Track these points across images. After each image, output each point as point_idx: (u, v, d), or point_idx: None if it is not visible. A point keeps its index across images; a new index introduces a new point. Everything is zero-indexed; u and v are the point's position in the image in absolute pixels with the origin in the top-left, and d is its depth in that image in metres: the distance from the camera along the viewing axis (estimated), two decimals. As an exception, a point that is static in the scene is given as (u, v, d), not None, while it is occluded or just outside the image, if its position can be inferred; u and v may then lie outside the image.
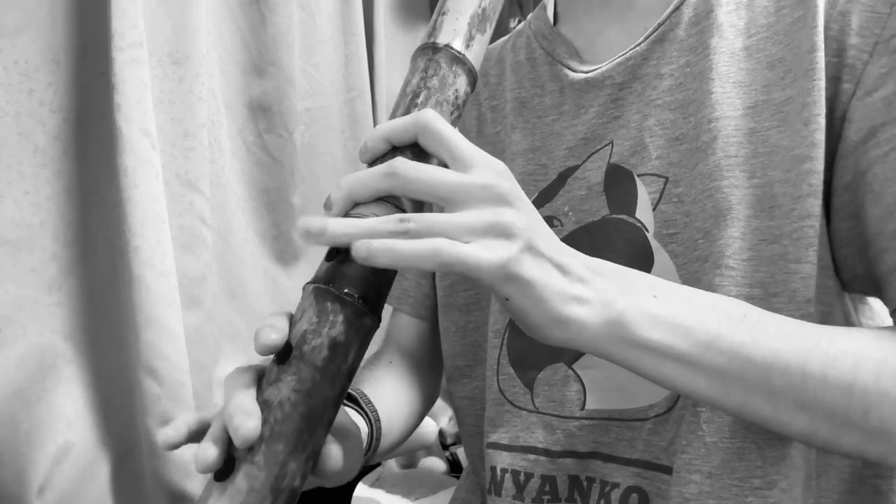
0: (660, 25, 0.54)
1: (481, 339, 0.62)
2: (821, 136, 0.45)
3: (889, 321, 0.51)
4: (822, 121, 0.45)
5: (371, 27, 1.19)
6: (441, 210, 0.37)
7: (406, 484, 1.02)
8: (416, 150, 0.39)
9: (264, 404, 0.35)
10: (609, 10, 0.58)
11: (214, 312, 0.92)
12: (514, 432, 0.56)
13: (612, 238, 0.53)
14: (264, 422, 0.35)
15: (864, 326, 0.52)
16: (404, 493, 0.99)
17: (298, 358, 0.36)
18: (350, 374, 0.38)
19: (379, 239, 0.34)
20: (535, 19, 0.65)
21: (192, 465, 0.76)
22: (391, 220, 0.35)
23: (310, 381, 0.36)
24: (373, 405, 0.52)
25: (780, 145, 0.47)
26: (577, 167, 0.57)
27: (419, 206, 0.40)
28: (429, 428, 1.14)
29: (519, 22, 1.71)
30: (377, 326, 0.39)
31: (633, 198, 0.52)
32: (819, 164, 0.45)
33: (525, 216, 0.37)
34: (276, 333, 0.35)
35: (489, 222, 0.36)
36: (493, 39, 0.69)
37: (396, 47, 1.27)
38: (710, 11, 0.52)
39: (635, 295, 0.41)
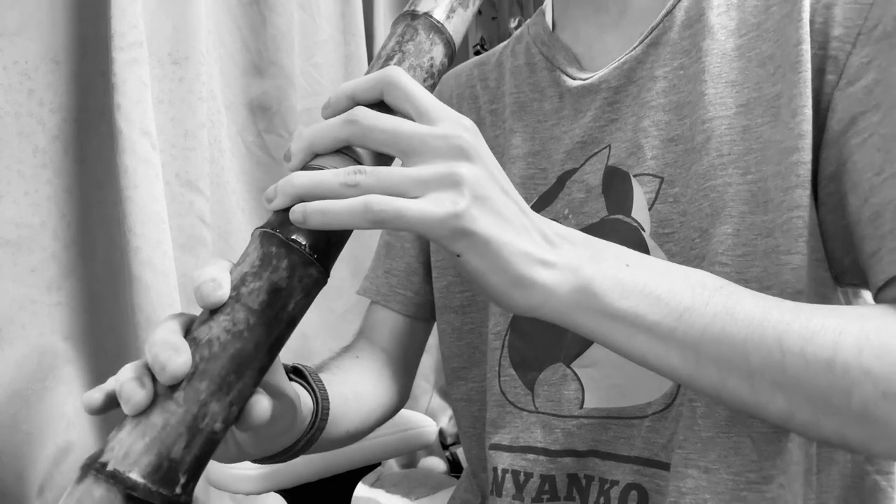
0: (653, 29, 0.55)
1: (478, 340, 0.62)
2: (808, 128, 0.45)
3: None
4: (809, 112, 0.45)
5: (371, 27, 1.20)
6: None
7: (406, 484, 1.02)
8: (383, 109, 0.38)
9: (192, 341, 0.34)
10: (605, 15, 0.59)
11: (214, 312, 0.92)
12: (514, 433, 0.56)
13: (609, 238, 0.53)
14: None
15: None
16: (404, 493, 0.99)
17: (234, 299, 0.34)
18: (289, 323, 0.36)
19: (315, 201, 0.33)
20: (533, 25, 0.66)
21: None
22: (341, 173, 0.34)
23: (243, 322, 0.34)
24: (322, 384, 0.50)
25: (773, 140, 0.47)
26: (575, 170, 0.57)
27: (380, 160, 0.38)
28: (429, 428, 1.14)
29: (519, 22, 1.72)
30: (324, 282, 0.37)
31: (630, 198, 0.53)
32: (807, 155, 0.45)
33: (481, 169, 0.36)
34: (222, 290, 0.34)
35: (440, 173, 0.34)
36: (493, 44, 0.69)
37: (396, 47, 1.28)
38: (701, 14, 0.53)
39: (606, 263, 0.39)
